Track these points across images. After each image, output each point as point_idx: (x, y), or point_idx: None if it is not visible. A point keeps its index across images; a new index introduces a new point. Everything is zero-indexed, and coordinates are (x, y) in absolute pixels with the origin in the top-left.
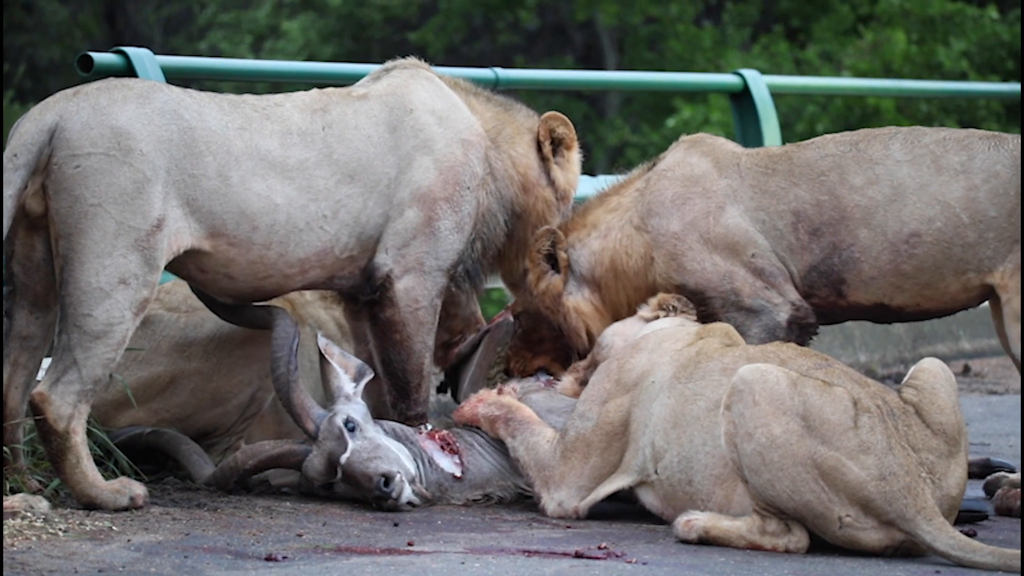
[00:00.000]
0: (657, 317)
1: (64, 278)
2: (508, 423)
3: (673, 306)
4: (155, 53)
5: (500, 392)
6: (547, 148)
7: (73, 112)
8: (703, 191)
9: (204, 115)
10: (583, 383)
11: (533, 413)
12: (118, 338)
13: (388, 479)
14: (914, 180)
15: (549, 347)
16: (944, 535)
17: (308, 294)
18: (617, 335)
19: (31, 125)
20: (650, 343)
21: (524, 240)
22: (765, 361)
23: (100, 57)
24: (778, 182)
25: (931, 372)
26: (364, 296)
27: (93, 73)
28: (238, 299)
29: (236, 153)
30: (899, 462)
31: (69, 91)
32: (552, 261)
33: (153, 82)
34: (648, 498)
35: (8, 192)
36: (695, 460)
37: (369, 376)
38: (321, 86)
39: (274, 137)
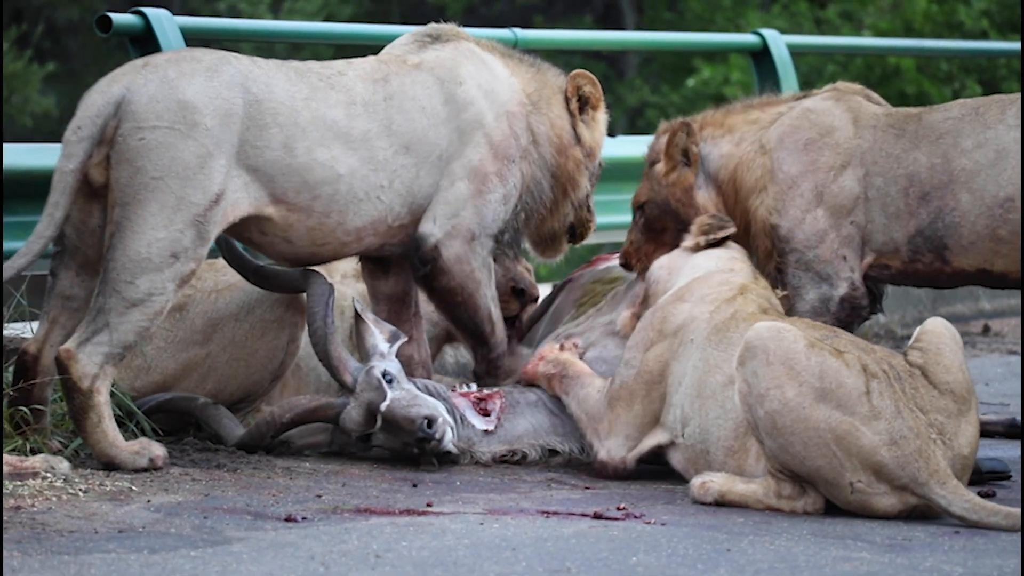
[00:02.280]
0: (698, 245)
1: (114, 243)
2: (563, 380)
3: (708, 225)
4: (174, 13)
5: (562, 348)
6: (574, 105)
7: (140, 84)
8: (835, 144)
9: (272, 86)
10: (638, 317)
11: (586, 368)
12: (156, 308)
13: (431, 421)
14: (1017, 144)
15: (670, 239)
16: (959, 498)
17: (342, 269)
18: (663, 268)
19: (97, 97)
20: (694, 293)
21: (555, 199)
22: None
23: (119, 18)
24: (903, 145)
25: (935, 332)
26: (417, 270)
27: (112, 34)
28: (295, 263)
29: (303, 124)
30: (908, 425)
31: (138, 62)
32: (685, 157)
33: (223, 53)
34: (676, 458)
35: (70, 165)
36: (711, 432)
37: (403, 340)
38: (340, 47)
39: (339, 107)
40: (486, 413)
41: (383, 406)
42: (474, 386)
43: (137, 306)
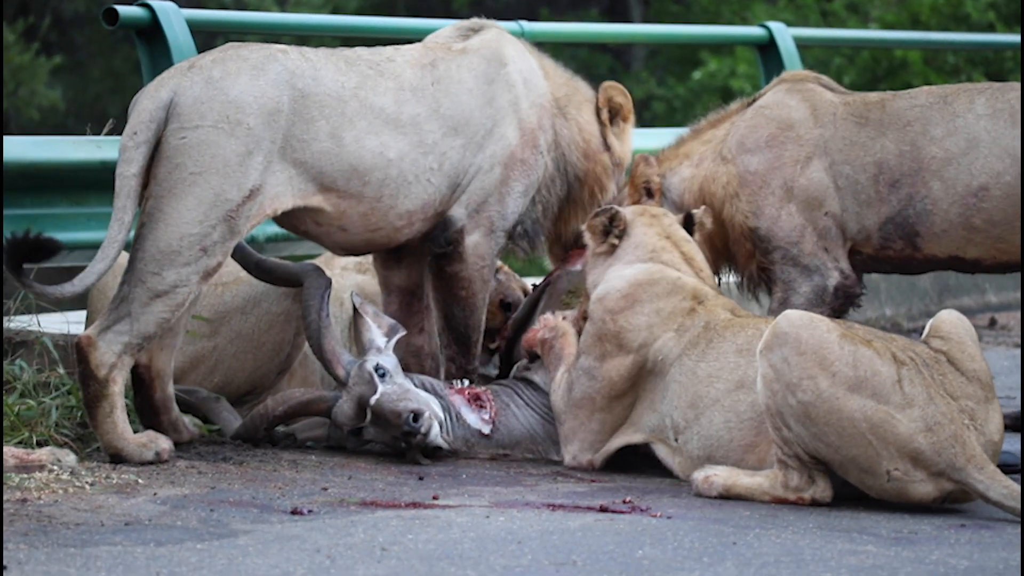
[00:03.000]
0: (612, 247)
1: (143, 234)
2: (550, 351)
3: (602, 223)
4: (180, 6)
5: (563, 319)
6: (604, 115)
7: (187, 86)
8: (796, 137)
9: (319, 79)
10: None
11: (571, 347)
12: (179, 300)
13: (417, 415)
14: (988, 134)
15: None
16: (997, 484)
17: (342, 262)
18: (596, 283)
19: (148, 102)
20: (644, 299)
21: (581, 203)
22: None
23: (125, 10)
24: (868, 132)
25: (951, 323)
26: (436, 248)
27: (118, 26)
28: (350, 251)
29: (350, 114)
30: (942, 411)
31: (184, 64)
32: (647, 189)
33: (270, 50)
34: (663, 452)
35: (131, 170)
36: (719, 439)
37: (401, 333)
38: (347, 39)
39: (388, 94)
40: (482, 407)
41: (372, 400)
42: (467, 381)
43: (161, 297)
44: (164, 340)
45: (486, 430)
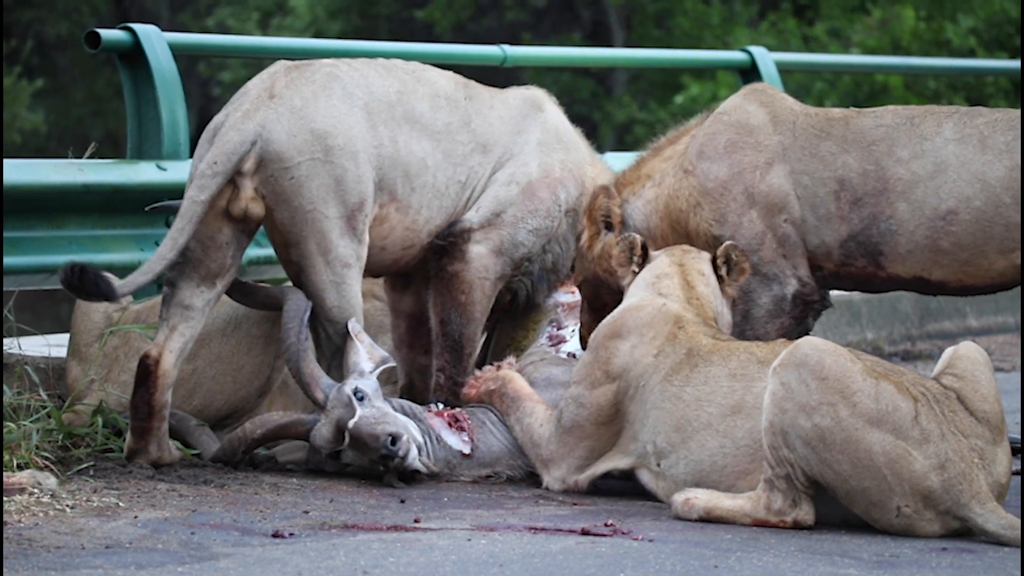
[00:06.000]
0: (635, 273)
1: (302, 281)
2: (503, 397)
3: (624, 255)
4: (163, 29)
5: (498, 368)
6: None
7: (273, 121)
8: (755, 143)
9: (371, 87)
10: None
11: (525, 386)
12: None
13: (395, 439)
14: (957, 158)
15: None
16: (996, 517)
17: None
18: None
19: (233, 135)
20: (628, 326)
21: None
22: (774, 357)
23: (107, 33)
24: (829, 147)
25: (969, 358)
26: (439, 241)
27: (100, 50)
28: (378, 273)
29: (398, 118)
30: (953, 448)
31: (263, 92)
32: (607, 222)
33: (326, 68)
34: (646, 478)
35: (202, 197)
36: (711, 463)
37: (390, 364)
38: None
39: (425, 100)
40: (462, 429)
41: (350, 423)
42: (442, 404)
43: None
44: (173, 343)
45: (467, 450)
